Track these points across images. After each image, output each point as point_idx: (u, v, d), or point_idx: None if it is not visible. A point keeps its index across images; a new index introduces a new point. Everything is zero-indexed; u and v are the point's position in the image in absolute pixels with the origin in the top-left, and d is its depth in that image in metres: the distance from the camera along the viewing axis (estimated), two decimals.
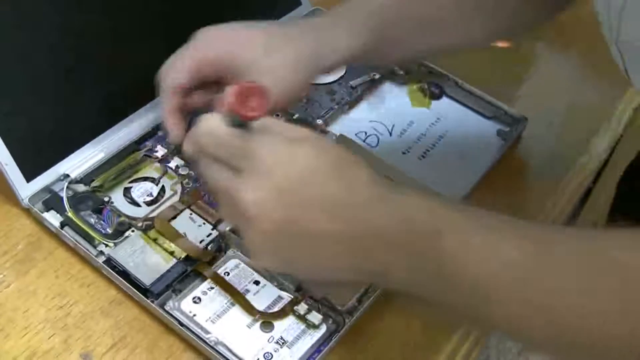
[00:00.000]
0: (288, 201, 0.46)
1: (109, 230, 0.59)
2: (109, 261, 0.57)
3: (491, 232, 0.45)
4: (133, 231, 0.59)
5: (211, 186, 0.49)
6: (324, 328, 0.55)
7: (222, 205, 0.49)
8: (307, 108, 0.71)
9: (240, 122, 0.46)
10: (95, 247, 0.58)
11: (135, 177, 0.63)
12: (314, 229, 0.46)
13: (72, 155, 0.62)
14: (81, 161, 0.63)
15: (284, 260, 0.48)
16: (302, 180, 0.46)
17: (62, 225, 0.59)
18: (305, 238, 0.46)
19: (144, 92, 0.67)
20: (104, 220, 0.60)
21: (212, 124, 0.48)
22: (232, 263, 0.58)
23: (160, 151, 0.65)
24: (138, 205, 0.61)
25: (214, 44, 0.61)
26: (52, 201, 0.60)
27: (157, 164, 0.65)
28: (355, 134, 0.69)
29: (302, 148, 0.47)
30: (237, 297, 0.55)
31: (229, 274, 0.57)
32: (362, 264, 0.47)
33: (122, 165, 0.64)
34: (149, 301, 0.55)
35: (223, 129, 0.47)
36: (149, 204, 0.61)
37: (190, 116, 0.61)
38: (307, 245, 0.47)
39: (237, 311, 0.55)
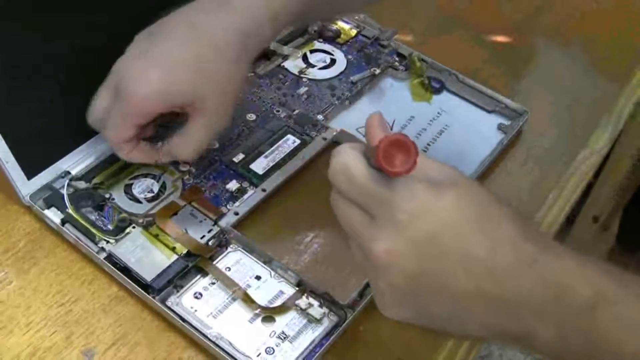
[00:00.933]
0: (424, 253, 0.42)
1: (110, 227, 0.59)
2: (110, 258, 0.57)
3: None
4: (134, 227, 0.59)
5: (343, 225, 0.46)
6: (325, 322, 0.54)
7: (352, 247, 0.46)
8: (307, 103, 0.71)
9: None
10: (96, 243, 0.58)
11: (136, 173, 0.63)
12: (452, 285, 0.43)
13: (72, 153, 0.62)
14: (82, 158, 0.63)
15: (416, 313, 0.45)
16: (441, 233, 0.42)
17: (63, 222, 0.59)
18: (441, 293, 0.43)
19: None
20: (105, 217, 0.60)
21: (350, 163, 0.44)
22: (233, 258, 0.58)
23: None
24: (139, 201, 0.61)
25: (148, 98, 0.57)
26: (53, 198, 0.60)
27: None
28: (356, 129, 0.69)
29: (445, 197, 0.43)
30: (239, 292, 0.55)
31: (230, 269, 0.57)
32: (505, 327, 0.43)
33: (123, 162, 0.63)
34: (150, 297, 0.55)
35: (360, 171, 0.44)
36: (150, 200, 0.61)
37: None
38: (442, 301, 0.43)
39: (238, 306, 0.55)
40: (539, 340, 0.42)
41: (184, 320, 0.53)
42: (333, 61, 0.76)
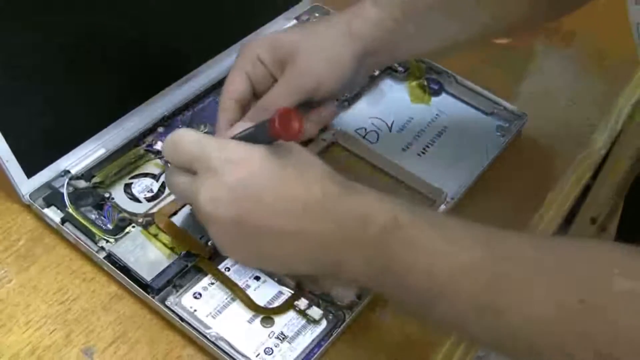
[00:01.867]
0: (241, 198, 0.49)
1: (110, 226, 0.59)
2: (110, 257, 0.57)
3: (442, 233, 0.47)
4: (134, 227, 0.59)
5: (175, 193, 0.54)
6: (324, 323, 0.55)
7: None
8: None
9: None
10: (96, 242, 0.58)
11: (135, 173, 0.63)
12: (271, 226, 0.49)
13: (72, 152, 0.63)
14: (82, 157, 0.63)
15: (249, 255, 0.52)
16: (254, 178, 0.49)
17: (63, 221, 0.59)
18: (261, 235, 0.49)
19: (144, 88, 0.67)
20: (104, 216, 0.60)
21: (175, 135, 0.52)
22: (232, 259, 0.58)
23: (161, 147, 0.65)
24: (139, 201, 0.61)
25: (257, 42, 0.62)
26: (52, 197, 0.60)
27: (158, 160, 0.65)
28: (355, 130, 0.69)
29: (256, 150, 0.50)
30: (238, 292, 0.55)
31: (229, 269, 0.57)
32: (318, 258, 0.50)
33: (123, 161, 0.64)
34: (149, 297, 0.55)
35: (182, 137, 0.52)
36: (149, 199, 0.62)
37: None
38: (264, 242, 0.50)
39: (237, 306, 0.55)
40: (347, 268, 0.49)
41: (183, 320, 0.54)
42: None
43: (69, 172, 0.62)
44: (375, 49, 0.62)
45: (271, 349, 0.53)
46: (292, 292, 0.56)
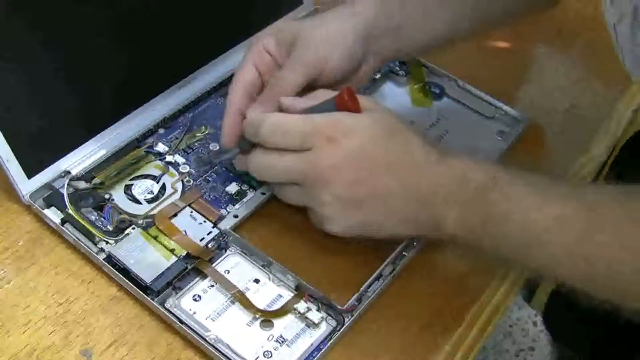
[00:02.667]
0: (358, 164, 0.54)
1: (110, 228, 0.59)
2: (110, 258, 0.57)
3: (536, 189, 0.53)
4: (134, 228, 0.59)
5: (289, 176, 0.56)
6: (323, 327, 0.55)
7: (289, 190, 0.57)
8: None
9: None
10: (95, 244, 0.58)
11: (136, 174, 0.63)
12: (382, 188, 0.54)
13: (73, 152, 0.63)
14: (82, 158, 0.63)
15: (356, 221, 0.56)
16: (366, 147, 0.54)
17: (63, 222, 0.59)
18: (374, 197, 0.54)
19: (145, 89, 0.67)
20: (104, 218, 0.60)
21: (280, 119, 0.56)
22: (232, 261, 0.58)
23: (162, 149, 0.66)
24: (139, 202, 0.61)
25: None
26: (52, 198, 0.60)
27: (158, 162, 0.65)
28: None
29: (361, 118, 0.55)
30: (237, 295, 0.55)
31: (229, 272, 0.57)
32: (418, 218, 0.55)
33: (123, 163, 0.64)
34: (149, 299, 0.55)
35: (291, 120, 0.56)
36: (149, 201, 0.62)
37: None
38: (375, 204, 0.55)
39: (237, 309, 0.55)
40: (449, 224, 0.54)
41: (182, 322, 0.53)
42: None
43: (69, 173, 0.62)
44: (378, 31, 0.63)
45: (270, 352, 0.53)
46: (292, 295, 0.56)
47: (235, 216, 0.61)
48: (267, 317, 0.55)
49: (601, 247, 0.50)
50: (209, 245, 0.58)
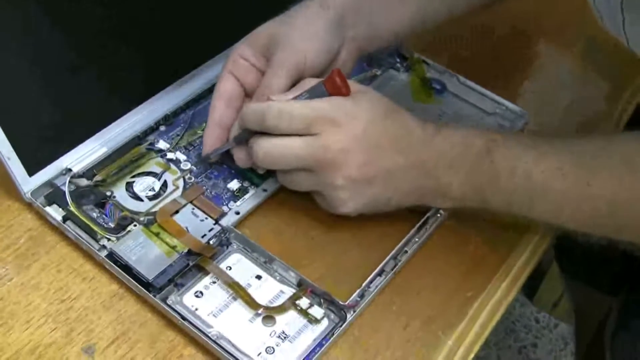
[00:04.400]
0: (365, 145, 0.56)
1: (111, 225, 0.59)
2: (111, 255, 0.57)
3: (533, 144, 0.57)
4: (135, 225, 0.59)
5: (298, 160, 0.57)
6: (325, 323, 0.55)
7: (298, 176, 0.59)
8: None
9: None
10: (97, 241, 0.58)
11: (137, 171, 0.63)
12: (390, 164, 0.57)
13: (74, 150, 0.63)
14: (83, 155, 0.63)
15: (367, 199, 0.58)
16: (368, 128, 0.56)
17: (65, 219, 0.59)
18: (383, 174, 0.57)
19: (146, 86, 0.67)
20: (106, 215, 0.60)
21: (282, 107, 0.57)
22: (234, 257, 0.58)
23: (163, 146, 0.66)
24: (140, 199, 0.61)
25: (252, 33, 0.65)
26: (54, 195, 0.60)
27: (160, 159, 0.65)
28: None
29: (360, 102, 0.57)
30: (239, 291, 0.55)
31: (230, 268, 0.57)
32: (427, 185, 0.58)
33: (125, 160, 0.64)
34: (150, 295, 0.55)
35: (295, 106, 0.57)
36: (151, 198, 0.62)
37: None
38: (385, 180, 0.57)
39: (239, 305, 0.55)
40: (455, 188, 0.58)
41: (184, 319, 0.53)
42: None
43: (70, 170, 0.62)
44: (352, 19, 0.65)
45: (272, 348, 0.53)
46: (294, 291, 0.56)
47: (237, 213, 0.61)
48: (269, 313, 0.55)
49: (602, 189, 0.54)
50: (211, 242, 0.58)
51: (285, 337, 0.54)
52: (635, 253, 0.77)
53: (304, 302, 0.55)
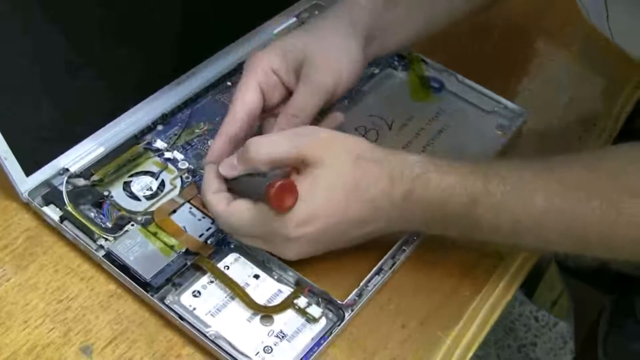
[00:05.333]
0: (321, 240, 0.55)
1: (109, 225, 0.59)
2: (109, 255, 0.57)
3: (518, 186, 0.53)
4: (133, 225, 0.59)
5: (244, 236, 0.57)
6: (323, 322, 0.55)
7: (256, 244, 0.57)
8: None
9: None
10: (94, 241, 0.58)
11: (134, 171, 0.63)
12: (348, 239, 0.56)
13: (71, 149, 0.62)
14: (81, 155, 0.63)
15: (317, 251, 0.56)
16: (327, 229, 0.54)
17: (62, 219, 0.59)
18: (342, 240, 0.56)
19: (143, 85, 0.67)
20: (103, 214, 0.60)
21: (233, 223, 0.55)
22: (231, 257, 0.58)
23: (160, 145, 0.65)
24: (138, 199, 0.61)
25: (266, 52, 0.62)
26: (51, 195, 0.60)
27: (157, 158, 0.65)
28: (355, 129, 0.69)
29: (311, 203, 0.53)
30: (237, 290, 0.55)
31: (228, 267, 0.57)
32: (400, 230, 0.57)
33: (122, 160, 0.64)
34: (148, 295, 0.55)
35: (241, 221, 0.54)
36: (148, 198, 0.61)
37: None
38: (342, 243, 0.56)
39: (237, 305, 0.55)
40: (432, 232, 0.56)
41: (182, 318, 0.53)
42: None
43: (67, 170, 0.62)
44: (371, 38, 0.63)
45: (271, 347, 0.53)
46: (292, 290, 0.56)
47: None
48: (267, 313, 0.55)
49: (592, 223, 0.51)
50: (209, 241, 0.58)
51: (283, 336, 0.54)
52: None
53: (302, 301, 0.55)
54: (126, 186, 0.62)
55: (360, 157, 0.54)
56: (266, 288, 0.56)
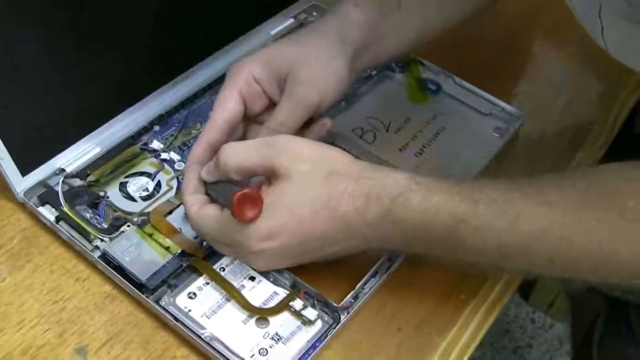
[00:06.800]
0: (287, 254, 0.54)
1: (105, 225, 0.59)
2: (104, 256, 0.57)
3: (504, 209, 0.50)
4: (128, 226, 0.59)
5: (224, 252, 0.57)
6: (319, 324, 0.54)
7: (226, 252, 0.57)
8: None
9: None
10: (90, 241, 0.58)
11: (131, 172, 0.63)
12: (315, 255, 0.55)
13: (67, 150, 0.62)
14: (77, 155, 0.63)
15: (282, 265, 0.56)
16: (293, 244, 0.53)
17: (58, 219, 0.59)
18: (307, 258, 0.55)
19: (140, 86, 0.67)
20: (99, 215, 0.59)
21: (203, 230, 0.56)
22: (227, 259, 0.57)
23: (157, 146, 0.65)
24: (134, 200, 0.61)
25: (252, 61, 0.61)
26: (47, 195, 0.60)
27: (153, 159, 0.64)
28: (352, 130, 0.69)
29: (278, 217, 0.52)
30: (233, 292, 0.55)
31: (224, 269, 0.57)
32: (378, 247, 0.54)
33: (118, 160, 0.63)
34: (144, 296, 0.54)
35: (211, 229, 0.55)
36: (144, 198, 0.61)
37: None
38: (313, 256, 0.55)
39: (232, 307, 0.55)
40: (410, 251, 0.55)
41: (177, 320, 0.53)
42: None
43: (64, 170, 0.61)
44: (362, 52, 0.62)
45: (266, 349, 0.53)
46: (287, 292, 0.56)
47: None
48: (262, 315, 0.54)
49: (582, 247, 0.50)
50: (204, 243, 0.58)
51: (278, 339, 0.53)
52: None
53: (297, 303, 0.55)
54: (122, 187, 0.62)
55: (333, 172, 0.52)
56: (262, 290, 0.56)
